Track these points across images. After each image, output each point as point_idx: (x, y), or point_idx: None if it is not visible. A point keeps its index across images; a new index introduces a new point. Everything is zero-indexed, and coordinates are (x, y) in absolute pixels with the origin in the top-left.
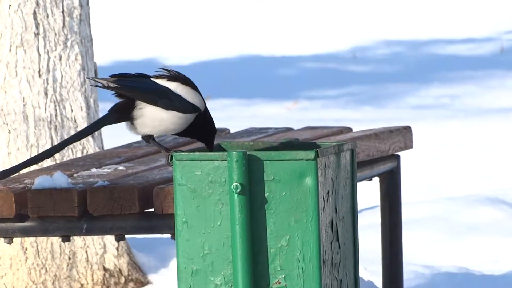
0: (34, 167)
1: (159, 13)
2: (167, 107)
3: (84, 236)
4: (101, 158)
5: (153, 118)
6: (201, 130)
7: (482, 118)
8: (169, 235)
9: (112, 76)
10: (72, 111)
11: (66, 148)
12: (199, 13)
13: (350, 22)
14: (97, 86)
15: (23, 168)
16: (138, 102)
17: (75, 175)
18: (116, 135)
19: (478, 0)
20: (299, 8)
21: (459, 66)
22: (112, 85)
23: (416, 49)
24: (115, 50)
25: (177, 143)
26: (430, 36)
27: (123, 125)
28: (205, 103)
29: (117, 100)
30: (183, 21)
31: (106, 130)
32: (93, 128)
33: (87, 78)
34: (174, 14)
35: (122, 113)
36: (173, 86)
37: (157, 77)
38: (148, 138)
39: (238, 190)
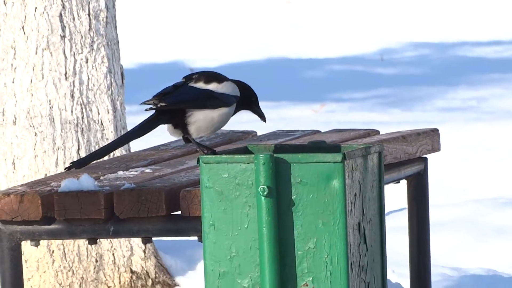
0: (61, 169)
1: (185, 15)
2: (214, 106)
3: (111, 239)
4: (128, 160)
5: (206, 121)
6: (244, 106)
7: (510, 120)
8: (196, 238)
9: (155, 96)
10: (98, 113)
11: (92, 151)
12: (226, 15)
13: (377, 24)
14: (151, 109)
15: (96, 159)
16: (187, 110)
17: (101, 177)
18: (143, 138)
19: (506, 2)
20: (326, 10)
21: (486, 69)
22: (162, 104)
23: (443, 51)
24: (141, 52)
25: (215, 143)
26: (458, 39)
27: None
28: (233, 81)
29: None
30: (209, 23)
31: None
32: (145, 129)
33: (141, 104)
34: (200, 16)
35: (171, 119)
36: (212, 86)
37: (193, 81)
38: (188, 140)
39: (265, 193)
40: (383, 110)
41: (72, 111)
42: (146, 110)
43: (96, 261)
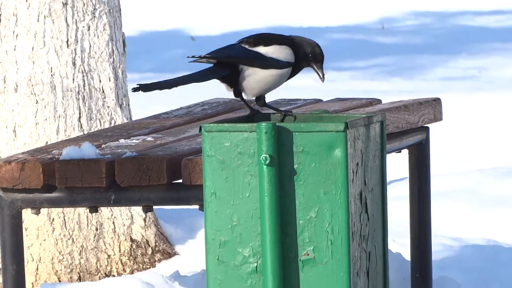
0: (62, 137)
1: None
2: (264, 67)
3: (112, 207)
4: (130, 129)
5: (256, 80)
6: (304, 64)
7: (511, 90)
8: (196, 207)
9: (208, 54)
10: (100, 81)
11: (94, 118)
12: None
13: None
14: (197, 61)
15: (164, 88)
16: (240, 69)
17: (103, 145)
18: (144, 106)
19: None
20: None
21: (488, 38)
22: (209, 56)
23: (444, 20)
24: (142, 20)
25: (216, 112)
26: (459, 8)
27: (151, 95)
28: (294, 41)
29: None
30: None
31: (133, 101)
32: (203, 77)
33: (188, 57)
34: None
35: (224, 73)
36: (260, 49)
37: (245, 43)
38: (262, 103)
39: (267, 162)
40: (384, 79)
41: (73, 79)
42: (190, 62)
43: (96, 229)
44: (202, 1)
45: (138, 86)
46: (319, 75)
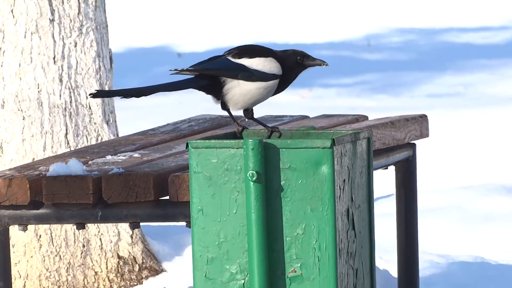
0: (49, 153)
1: (171, 0)
2: (248, 78)
3: (99, 224)
4: (116, 145)
5: (240, 92)
6: (298, 70)
7: (497, 107)
8: (183, 223)
9: (190, 67)
10: (86, 98)
11: (80, 135)
12: (213, 0)
13: (364, 9)
14: (180, 74)
15: (117, 96)
16: (223, 81)
17: (90, 162)
18: (131, 123)
19: None
20: None
21: (474, 55)
22: (193, 68)
23: (430, 37)
24: (128, 36)
25: (203, 128)
26: (444, 24)
27: (138, 112)
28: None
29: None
30: (196, 7)
31: (120, 117)
32: (175, 87)
33: (170, 70)
34: (187, 0)
35: (209, 88)
36: (247, 62)
37: (230, 55)
38: (249, 116)
39: (254, 178)
40: (370, 96)
41: (60, 95)
42: (171, 74)
43: (83, 246)
44: (189, 17)
45: (96, 92)
46: (321, 63)
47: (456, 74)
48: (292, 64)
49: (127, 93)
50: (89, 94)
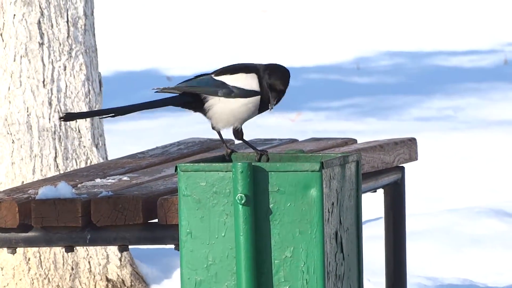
0: (38, 177)
1: (161, 23)
2: (227, 95)
3: (87, 247)
4: (105, 168)
5: (222, 110)
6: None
7: (486, 130)
8: (172, 246)
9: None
10: (76, 121)
11: (70, 158)
12: (202, 24)
13: (353, 33)
14: (164, 92)
15: (90, 116)
16: (204, 98)
17: (79, 185)
18: (120, 146)
19: (481, 12)
20: (302, 19)
21: (462, 78)
22: (174, 87)
23: (419, 60)
24: (117, 60)
25: (192, 151)
26: (433, 48)
27: (127, 135)
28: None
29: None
30: (185, 31)
31: (109, 140)
32: (157, 104)
33: (153, 89)
34: (177, 24)
35: (192, 105)
36: (227, 78)
37: (214, 73)
38: (239, 136)
39: (243, 201)
40: (359, 119)
41: (49, 119)
42: (155, 92)
43: (72, 269)
44: (178, 41)
45: (65, 114)
46: (271, 106)
47: (445, 97)
48: (266, 84)
49: (101, 113)
50: (60, 118)
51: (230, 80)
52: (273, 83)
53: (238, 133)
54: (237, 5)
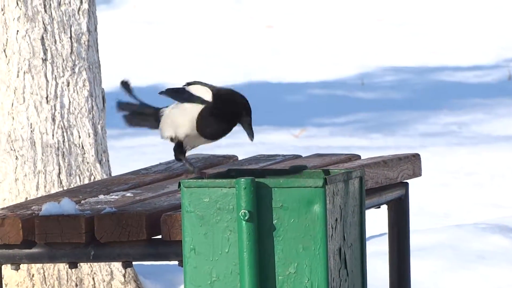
0: (41, 193)
1: (165, 39)
2: (181, 100)
3: (91, 263)
4: (109, 184)
5: (168, 115)
6: (227, 118)
7: (491, 146)
8: (176, 262)
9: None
10: (79, 137)
11: (73, 174)
12: (206, 39)
13: (357, 48)
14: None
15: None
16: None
17: (82, 201)
18: (124, 162)
19: (486, 27)
20: (307, 34)
21: (467, 94)
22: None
23: (423, 76)
24: (121, 76)
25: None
26: (438, 63)
27: (130, 151)
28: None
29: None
30: (189, 47)
31: (113, 156)
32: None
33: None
34: (181, 40)
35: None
36: (192, 88)
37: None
38: (180, 155)
39: (246, 217)
40: (363, 135)
41: (53, 135)
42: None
43: (76, 285)
44: (182, 57)
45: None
46: (249, 133)
47: (450, 113)
48: (232, 111)
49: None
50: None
51: (189, 88)
52: (244, 111)
53: (180, 151)
54: (242, 21)
